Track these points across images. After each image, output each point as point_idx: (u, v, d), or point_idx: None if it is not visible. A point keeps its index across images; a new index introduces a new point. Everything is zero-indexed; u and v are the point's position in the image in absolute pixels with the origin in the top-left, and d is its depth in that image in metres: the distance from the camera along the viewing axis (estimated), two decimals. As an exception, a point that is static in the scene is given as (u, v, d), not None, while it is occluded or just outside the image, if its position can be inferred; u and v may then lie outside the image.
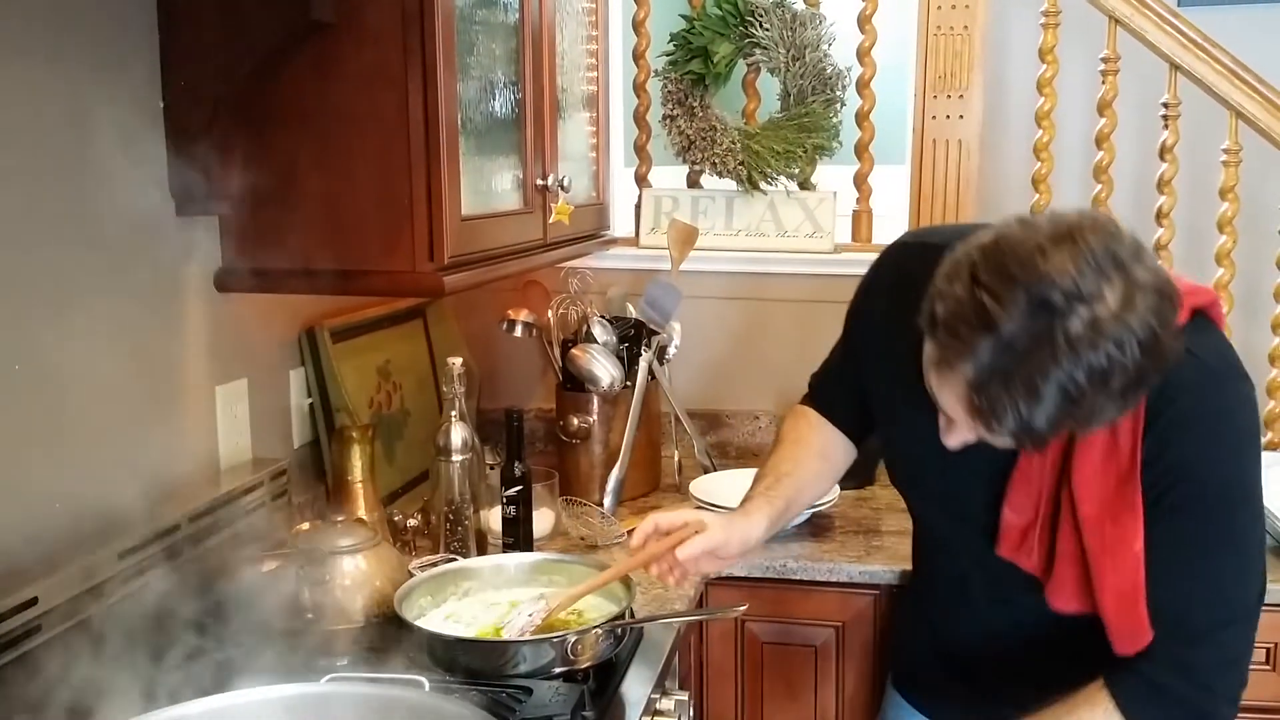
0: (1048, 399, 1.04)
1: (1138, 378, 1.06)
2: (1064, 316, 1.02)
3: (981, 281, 1.06)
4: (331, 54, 1.56)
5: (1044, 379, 1.03)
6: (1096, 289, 1.02)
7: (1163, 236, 2.49)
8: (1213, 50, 2.39)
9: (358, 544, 1.57)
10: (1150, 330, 1.04)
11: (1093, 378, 1.03)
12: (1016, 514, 1.31)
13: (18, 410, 1.34)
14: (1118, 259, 1.04)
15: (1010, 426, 1.08)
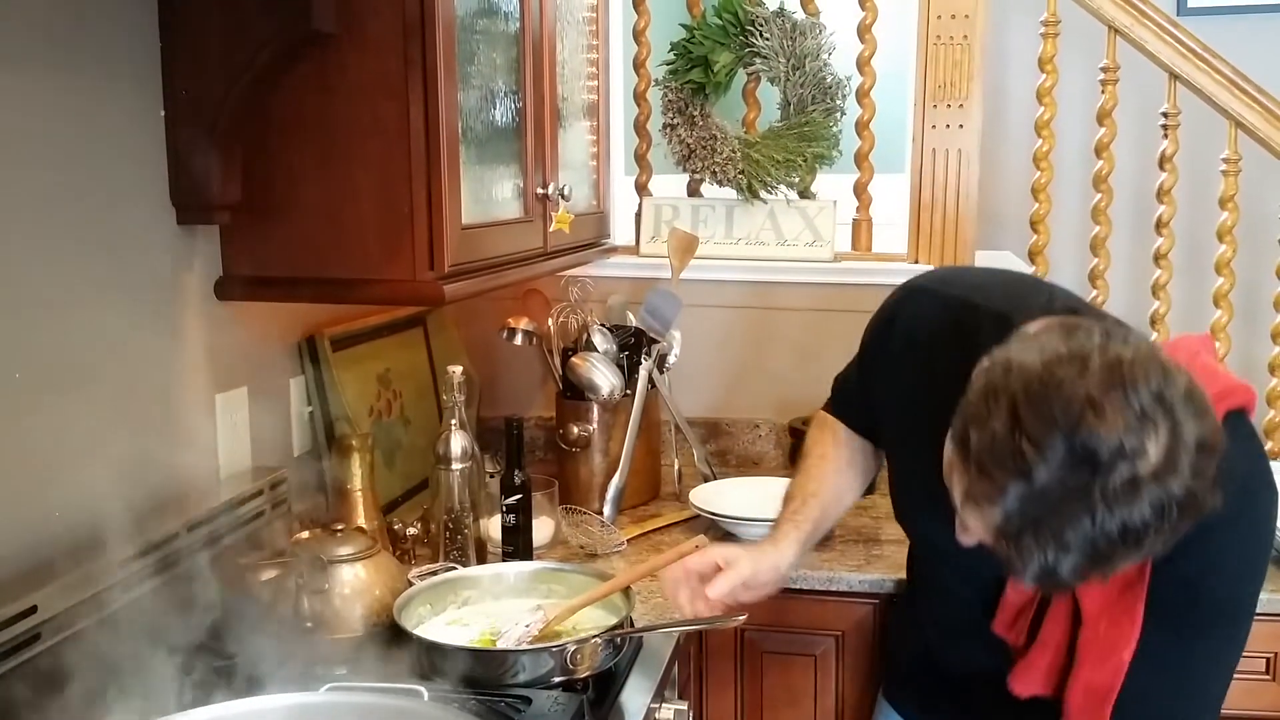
0: (1075, 551, 1.01)
1: (1170, 534, 1.03)
2: (1104, 473, 0.98)
3: (1022, 422, 1.00)
4: (332, 63, 1.56)
5: (1075, 532, 1.00)
6: (1140, 445, 0.98)
7: (1162, 246, 2.50)
8: (1212, 60, 2.39)
9: (357, 553, 1.57)
10: (1188, 491, 1.00)
11: (1126, 536, 1.00)
12: (1019, 593, 1.31)
13: (18, 418, 1.34)
14: (1167, 405, 1.00)
15: (1033, 571, 1.04)
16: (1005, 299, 1.32)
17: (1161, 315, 2.52)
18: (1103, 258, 2.53)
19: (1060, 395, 1.00)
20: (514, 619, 1.55)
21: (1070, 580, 1.04)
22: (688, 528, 2.15)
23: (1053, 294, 1.35)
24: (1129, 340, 1.05)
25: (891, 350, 1.46)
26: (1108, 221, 2.52)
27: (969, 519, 1.08)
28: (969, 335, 1.27)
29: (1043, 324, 1.14)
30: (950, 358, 1.21)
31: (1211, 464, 1.02)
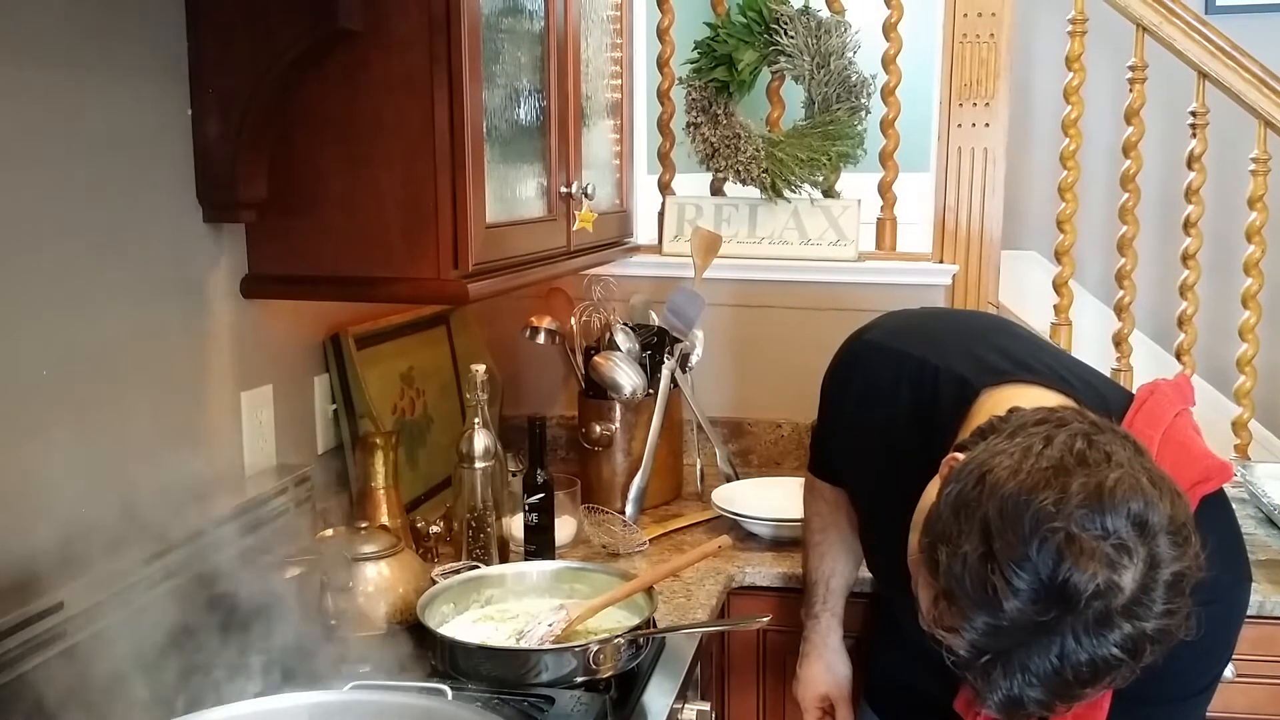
0: (1041, 684, 0.97)
1: (1139, 666, 0.99)
2: (1077, 610, 0.94)
3: (994, 552, 0.96)
4: (358, 62, 1.57)
5: (1042, 665, 0.96)
6: (1115, 581, 0.94)
7: (1190, 246, 2.47)
8: (1241, 58, 2.37)
9: (381, 551, 1.58)
10: (1161, 628, 0.97)
11: (1095, 670, 0.97)
12: None
13: (45, 415, 1.35)
14: (1147, 534, 0.96)
15: (997, 699, 1.00)
16: (963, 358, 1.28)
17: (1189, 316, 2.50)
18: (1130, 258, 2.51)
19: (1036, 526, 0.95)
20: (537, 618, 1.55)
21: (1034, 708, 1.00)
22: (710, 528, 2.15)
23: (1008, 350, 1.30)
24: (1112, 448, 1.00)
25: (849, 410, 1.44)
26: (1135, 221, 2.50)
27: (933, 627, 1.04)
28: (928, 401, 1.26)
29: (1021, 415, 1.08)
30: (908, 421, 1.21)
31: (1185, 596, 0.98)
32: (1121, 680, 1.00)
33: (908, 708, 1.60)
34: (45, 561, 1.31)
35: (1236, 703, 1.89)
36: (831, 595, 1.70)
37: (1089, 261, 2.74)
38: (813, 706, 1.72)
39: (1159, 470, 1.02)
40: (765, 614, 1.67)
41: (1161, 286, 2.66)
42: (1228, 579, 1.19)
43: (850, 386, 1.43)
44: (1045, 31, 2.81)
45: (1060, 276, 2.53)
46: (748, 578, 1.94)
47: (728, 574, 1.92)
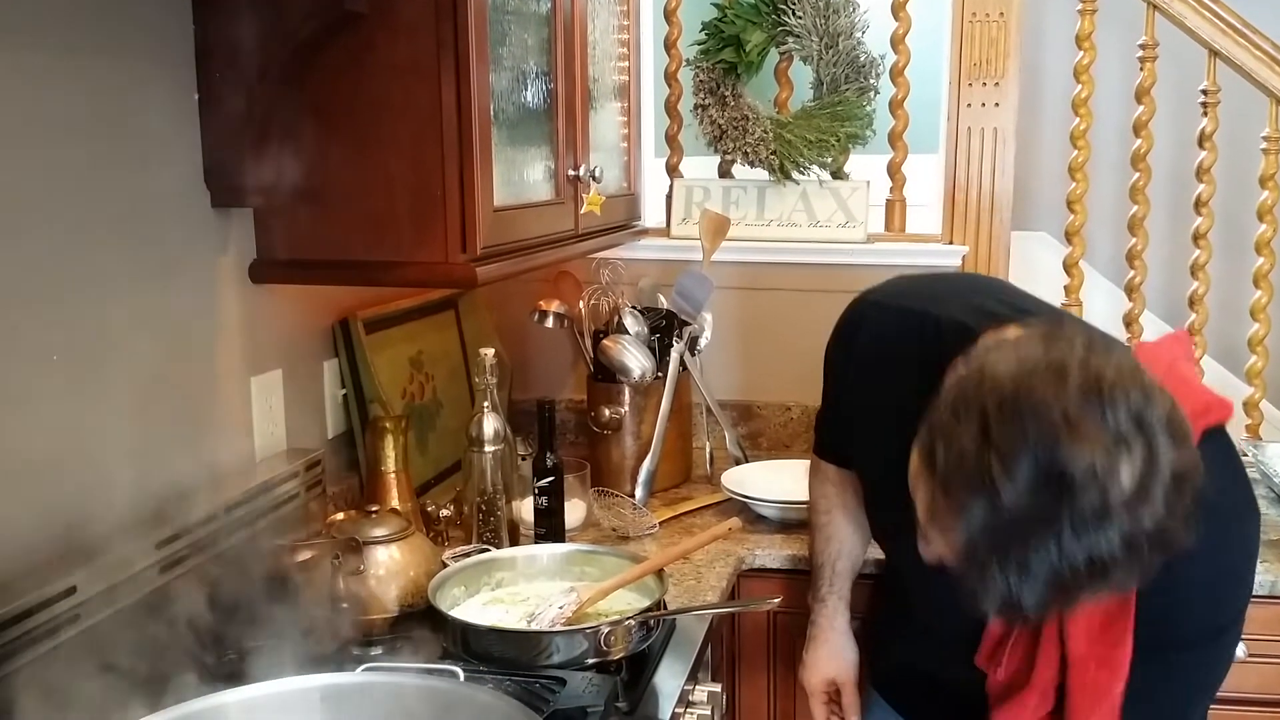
0: (1039, 580, 0.97)
1: (1139, 569, 0.99)
2: (1074, 498, 0.94)
3: (992, 439, 0.96)
4: (365, 45, 1.56)
5: (1039, 560, 0.96)
6: (1113, 468, 0.94)
7: (1201, 225, 2.46)
8: (1252, 35, 2.35)
9: (392, 534, 1.58)
10: (1160, 526, 0.96)
11: (1092, 567, 0.96)
12: (999, 623, 1.28)
13: (55, 401, 1.35)
14: (1146, 428, 0.96)
15: (995, 598, 0.99)
16: (964, 308, 1.29)
17: (1200, 296, 2.48)
18: (1140, 237, 2.50)
19: (1034, 412, 0.95)
20: (548, 601, 1.55)
21: (1033, 610, 1.00)
22: (719, 510, 2.15)
23: (1008, 298, 1.32)
24: (1111, 352, 1.00)
25: (853, 369, 1.45)
26: (1146, 201, 2.48)
27: (932, 536, 1.05)
28: (931, 348, 1.25)
29: (1023, 330, 1.09)
30: (913, 373, 1.19)
31: (1186, 499, 0.98)
32: (1119, 586, 0.99)
33: (916, 692, 1.60)
34: (57, 546, 1.32)
35: (1248, 682, 1.89)
36: (838, 578, 1.69)
37: (1099, 242, 2.72)
38: (818, 691, 1.71)
39: (1157, 380, 1.01)
40: (775, 596, 1.68)
41: (1172, 266, 2.65)
42: (1230, 507, 1.18)
43: (854, 346, 1.44)
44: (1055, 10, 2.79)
45: (1071, 257, 2.52)
46: (758, 560, 1.94)
47: (738, 556, 1.92)
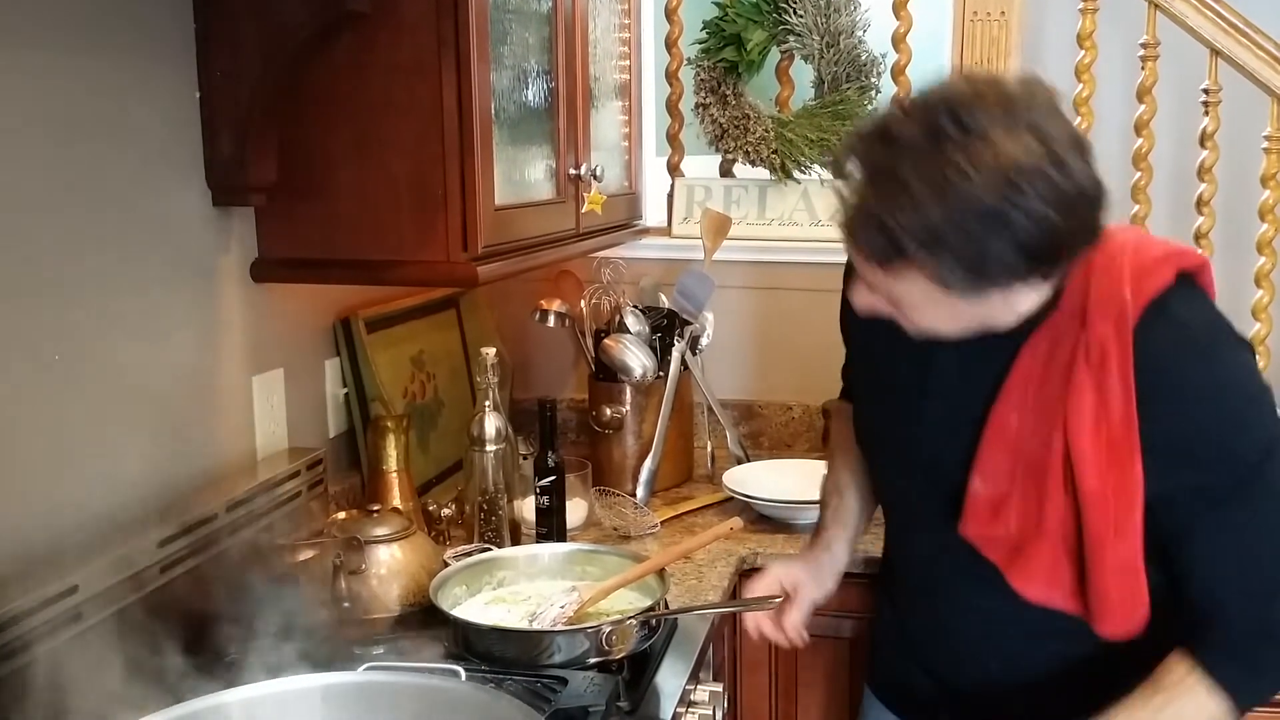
0: (924, 210, 1.04)
1: (1025, 228, 1.04)
2: (966, 136, 1.03)
3: (900, 103, 1.10)
4: (366, 44, 1.56)
5: (927, 190, 1.03)
6: (1010, 135, 1.03)
7: (1203, 225, 2.46)
8: (1254, 35, 2.35)
9: (393, 533, 1.58)
10: (1052, 185, 1.04)
11: (984, 213, 1.03)
12: (987, 483, 1.24)
13: (58, 400, 1.35)
14: (1043, 130, 1.05)
15: (877, 234, 1.07)
16: None
17: (1202, 295, 2.48)
18: (1142, 237, 2.49)
19: (944, 88, 1.08)
20: (550, 600, 1.55)
21: (909, 244, 1.06)
22: (721, 510, 2.15)
23: None
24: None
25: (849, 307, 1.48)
26: (1147, 200, 2.48)
27: (849, 244, 1.13)
28: None
29: None
30: None
31: (1068, 205, 1.05)
32: (1004, 240, 1.04)
33: (914, 695, 1.56)
34: (59, 544, 1.32)
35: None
36: (844, 506, 1.57)
37: (1101, 241, 2.71)
38: (756, 588, 1.54)
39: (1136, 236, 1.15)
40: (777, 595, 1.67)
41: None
42: (1217, 334, 1.20)
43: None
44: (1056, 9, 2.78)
45: (1072, 256, 2.52)
46: (759, 559, 1.94)
47: (739, 556, 1.92)
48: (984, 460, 1.25)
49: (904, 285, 1.12)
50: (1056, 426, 1.19)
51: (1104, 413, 1.16)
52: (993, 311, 1.15)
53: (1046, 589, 1.24)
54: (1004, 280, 1.10)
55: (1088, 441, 1.16)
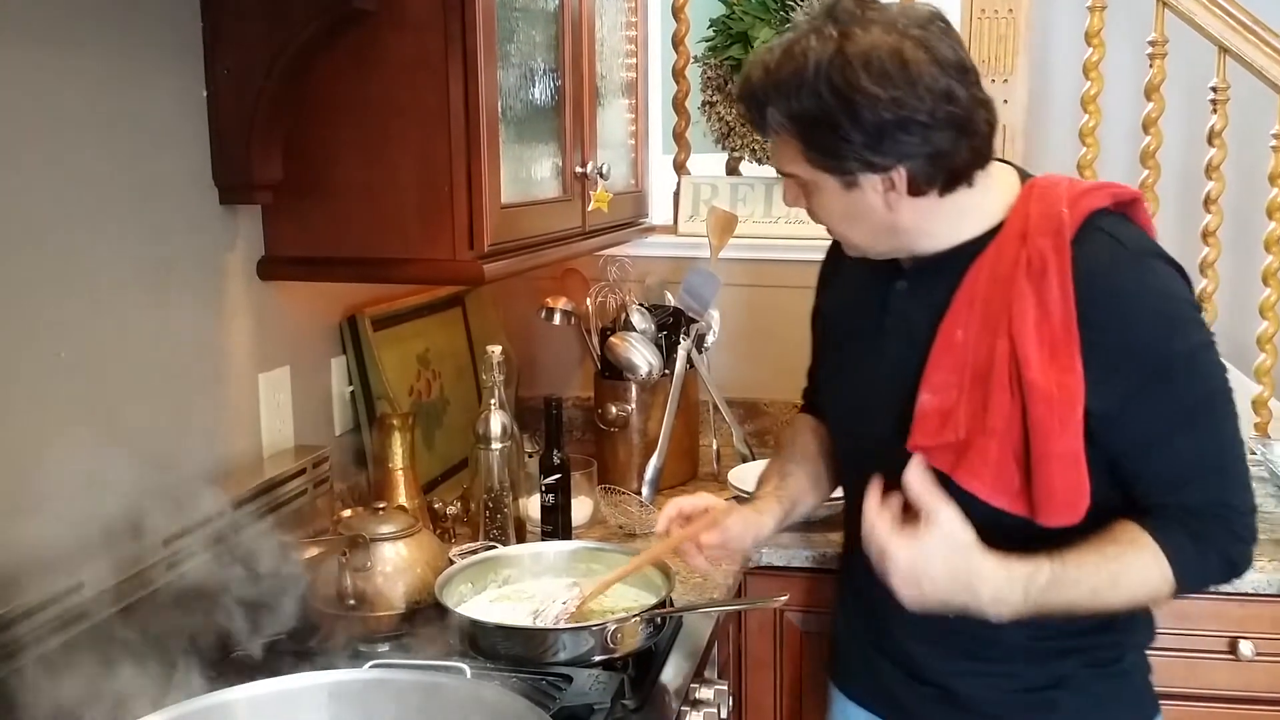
0: (783, 74, 1.21)
1: (861, 84, 1.17)
2: (836, 24, 1.20)
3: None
4: (372, 42, 1.56)
5: (787, 54, 1.21)
6: (874, 29, 1.19)
7: (1211, 223, 2.45)
8: (1262, 32, 2.34)
9: (399, 531, 1.58)
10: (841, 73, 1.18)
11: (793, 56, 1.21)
12: (935, 395, 1.29)
13: (63, 397, 1.35)
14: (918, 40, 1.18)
15: (752, 102, 1.25)
16: None
17: (1210, 294, 2.48)
18: (1149, 235, 2.49)
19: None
20: (552, 597, 1.55)
21: (774, 121, 1.23)
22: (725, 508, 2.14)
23: None
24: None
25: (824, 274, 1.58)
26: (1155, 198, 2.47)
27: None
28: None
29: None
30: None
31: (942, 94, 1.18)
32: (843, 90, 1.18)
33: (879, 685, 1.54)
34: (65, 542, 1.32)
35: (1258, 682, 1.89)
36: (784, 486, 1.56)
37: (1108, 239, 2.71)
38: (696, 507, 1.51)
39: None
40: (782, 594, 1.67)
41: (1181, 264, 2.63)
42: (1147, 248, 1.29)
43: (828, 257, 1.58)
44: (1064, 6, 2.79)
45: (1079, 254, 2.51)
46: (765, 558, 1.93)
47: (744, 554, 1.92)
48: (931, 373, 1.30)
49: (790, 163, 1.27)
50: (1000, 334, 1.25)
51: (1045, 317, 1.23)
52: (875, 208, 1.26)
53: (994, 487, 1.27)
54: (857, 163, 1.22)
55: (1031, 343, 1.23)
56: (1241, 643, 1.88)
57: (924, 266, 1.33)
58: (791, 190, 1.33)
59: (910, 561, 1.20)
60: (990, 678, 1.40)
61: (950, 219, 1.29)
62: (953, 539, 1.20)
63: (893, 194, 1.25)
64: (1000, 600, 1.22)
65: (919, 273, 1.34)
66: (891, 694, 1.51)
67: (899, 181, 1.23)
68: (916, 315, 1.33)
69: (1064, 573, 1.23)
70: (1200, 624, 1.90)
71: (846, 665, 1.61)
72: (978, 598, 1.21)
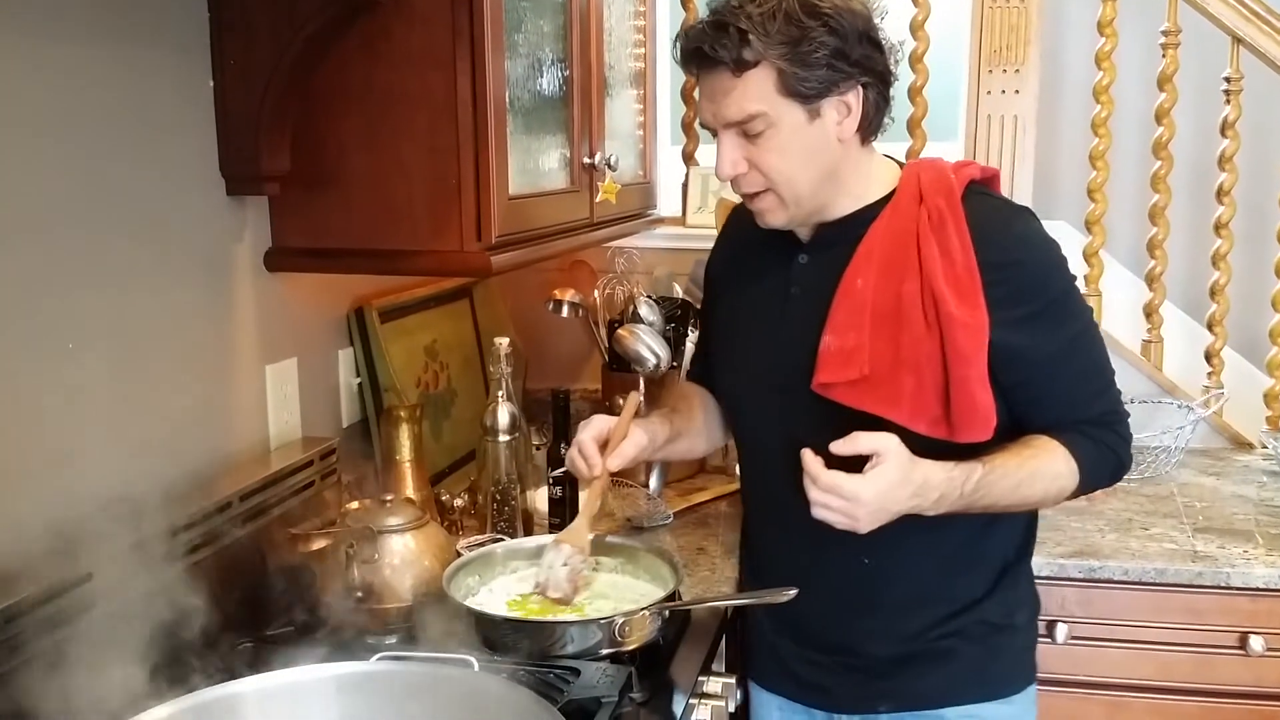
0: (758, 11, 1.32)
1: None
2: None
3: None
4: (380, 33, 1.56)
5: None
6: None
7: (1223, 214, 2.44)
8: (1276, 22, 2.32)
9: (406, 523, 1.58)
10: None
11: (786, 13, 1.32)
12: (838, 336, 1.41)
13: (73, 388, 1.35)
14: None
15: (733, 34, 1.31)
16: None
17: (1222, 286, 2.46)
18: (1162, 227, 2.48)
19: None
20: (547, 566, 1.52)
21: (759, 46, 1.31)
22: (733, 500, 2.14)
23: None
24: None
25: (716, 259, 1.67)
26: (1167, 189, 2.46)
27: (703, 65, 1.36)
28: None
29: None
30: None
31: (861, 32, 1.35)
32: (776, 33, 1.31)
33: (795, 670, 1.58)
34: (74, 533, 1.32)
35: (1269, 677, 1.88)
36: (671, 415, 1.62)
37: (1120, 231, 2.70)
38: (586, 438, 1.51)
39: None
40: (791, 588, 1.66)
41: (1193, 256, 2.62)
42: (1017, 207, 1.50)
43: (719, 239, 1.68)
44: (1076, -4, 2.76)
45: (1091, 246, 2.50)
46: (773, 550, 1.93)
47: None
48: (834, 318, 1.41)
49: (756, 100, 1.33)
50: (907, 278, 1.39)
51: (949, 263, 1.37)
52: (830, 143, 1.38)
53: (912, 414, 1.38)
54: (828, 78, 1.34)
55: (942, 283, 1.37)
56: (1252, 638, 1.87)
57: (822, 237, 1.46)
58: (736, 150, 1.39)
59: (878, 495, 1.31)
60: (887, 637, 1.50)
61: (863, 177, 1.44)
62: (904, 461, 1.32)
63: (847, 121, 1.37)
64: (943, 498, 1.36)
65: (817, 244, 1.47)
66: (796, 674, 1.57)
67: (854, 105, 1.37)
68: (819, 279, 1.45)
69: (990, 472, 1.37)
70: (1210, 619, 1.89)
71: (755, 657, 1.65)
72: (926, 499, 1.35)
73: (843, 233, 1.44)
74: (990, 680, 1.52)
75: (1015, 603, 1.54)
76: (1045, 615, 1.92)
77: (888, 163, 1.49)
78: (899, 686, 1.51)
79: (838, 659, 1.53)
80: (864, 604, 1.50)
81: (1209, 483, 2.29)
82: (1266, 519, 2.08)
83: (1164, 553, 1.93)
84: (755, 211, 1.45)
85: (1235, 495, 2.21)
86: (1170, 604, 1.90)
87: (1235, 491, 2.24)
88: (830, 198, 1.43)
